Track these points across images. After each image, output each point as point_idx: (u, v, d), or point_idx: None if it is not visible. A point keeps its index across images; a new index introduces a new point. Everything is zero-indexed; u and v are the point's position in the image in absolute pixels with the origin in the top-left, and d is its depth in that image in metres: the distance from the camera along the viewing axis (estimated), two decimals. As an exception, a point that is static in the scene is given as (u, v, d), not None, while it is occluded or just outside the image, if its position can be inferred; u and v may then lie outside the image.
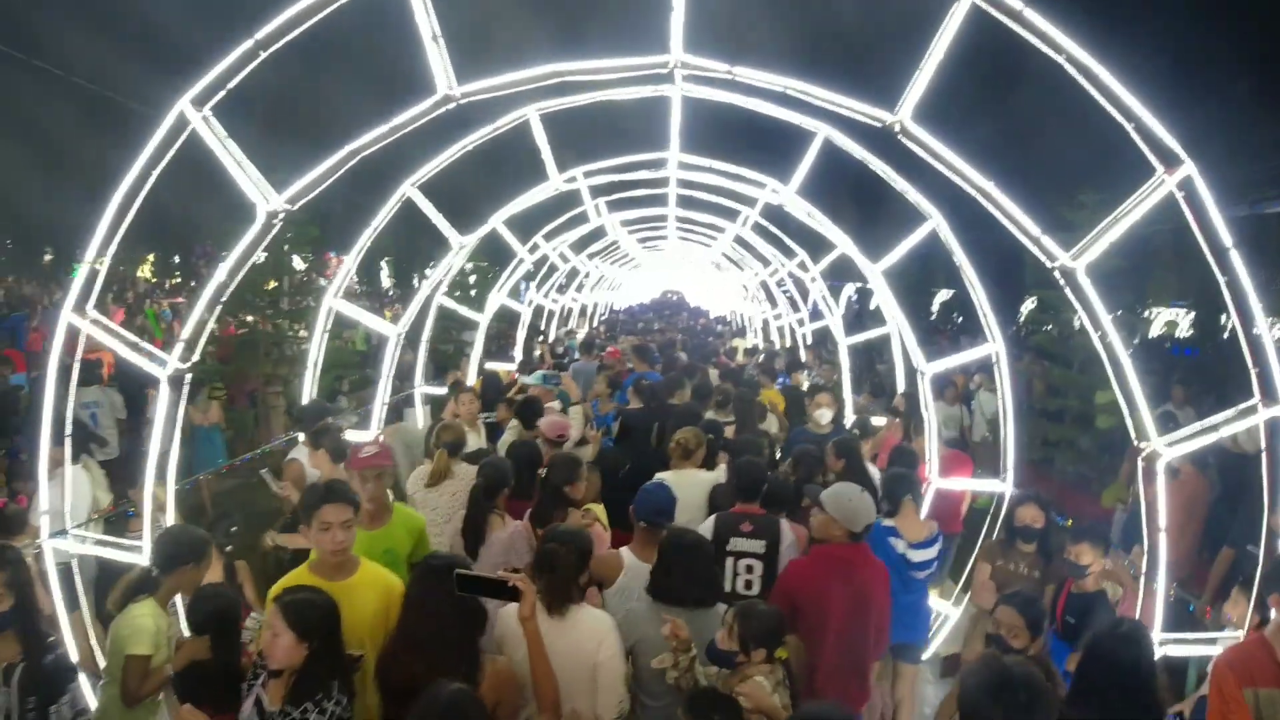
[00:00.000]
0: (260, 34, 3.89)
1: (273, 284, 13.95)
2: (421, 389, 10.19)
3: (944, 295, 41.50)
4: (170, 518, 4.76)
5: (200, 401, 10.45)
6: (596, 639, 3.41)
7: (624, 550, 4.33)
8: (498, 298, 11.85)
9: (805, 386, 10.88)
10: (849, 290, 38.51)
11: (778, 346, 17.23)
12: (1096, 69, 3.77)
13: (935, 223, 6.62)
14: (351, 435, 7.21)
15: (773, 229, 11.74)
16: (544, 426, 6.21)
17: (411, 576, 3.63)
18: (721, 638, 3.44)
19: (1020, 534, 5.41)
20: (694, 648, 3.44)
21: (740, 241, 13.94)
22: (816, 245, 12.72)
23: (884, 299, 6.88)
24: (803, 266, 11.95)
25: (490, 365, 13.07)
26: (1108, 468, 12.74)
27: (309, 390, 7.36)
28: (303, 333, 13.72)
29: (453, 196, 10.30)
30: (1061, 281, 4.09)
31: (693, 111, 6.85)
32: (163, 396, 4.26)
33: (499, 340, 18.24)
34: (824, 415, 7.22)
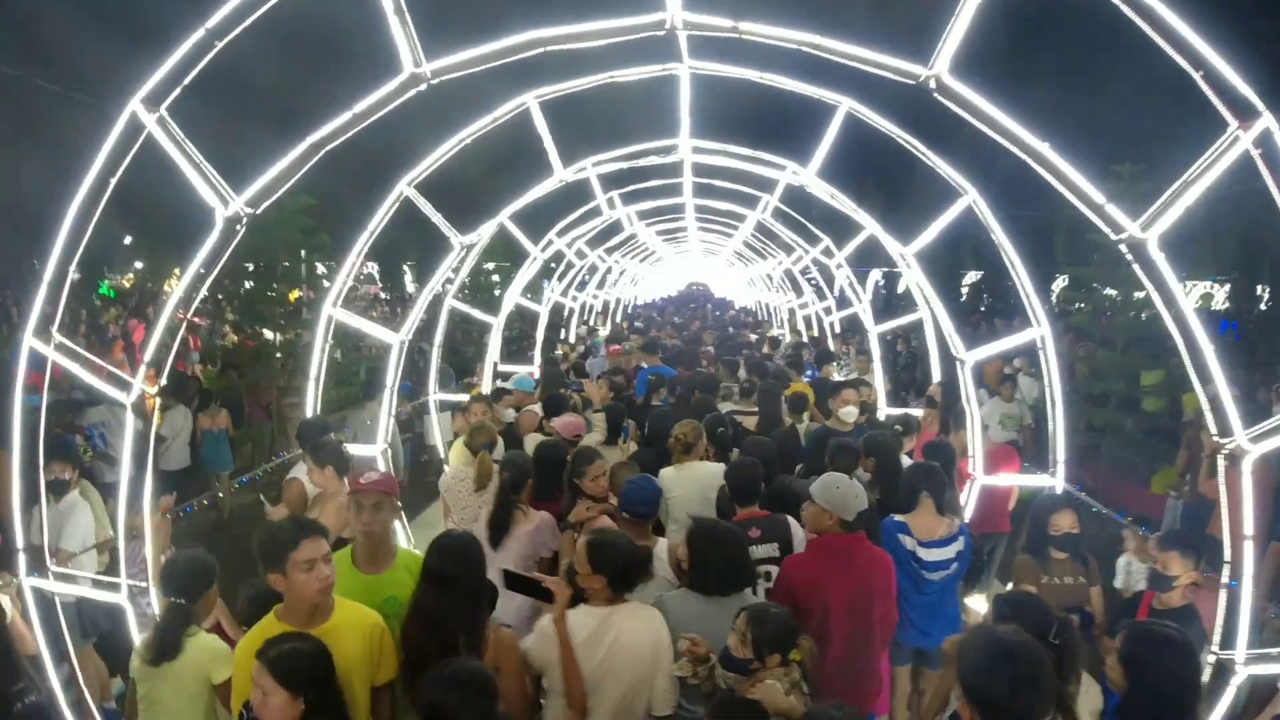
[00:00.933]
0: (212, 22, 3.49)
1: (295, 294, 13.73)
2: (436, 396, 9.83)
3: (972, 276, 40.58)
4: (150, 547, 4.58)
5: (211, 409, 10.86)
6: (655, 632, 3.49)
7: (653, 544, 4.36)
8: (513, 298, 11.44)
9: (835, 378, 10.39)
10: (875, 276, 37.72)
11: (805, 337, 16.71)
12: (1157, 6, 3.26)
13: (970, 199, 6.11)
14: (356, 450, 6.85)
15: (795, 215, 11.24)
16: (559, 426, 6.18)
17: (427, 554, 3.63)
18: (734, 645, 3.36)
19: (1054, 542, 4.93)
20: (712, 656, 3.40)
21: (761, 229, 13.45)
22: (841, 230, 12.24)
23: (917, 283, 6.38)
24: (827, 253, 11.42)
25: (506, 368, 12.74)
26: (1155, 452, 12.14)
27: (312, 405, 7.01)
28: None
29: (461, 195, 9.94)
30: (1129, 256, 3.57)
31: (704, 91, 6.38)
32: (128, 426, 3.88)
33: (521, 341, 17.91)
34: (849, 413, 6.73)
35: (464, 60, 3.59)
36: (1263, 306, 31.52)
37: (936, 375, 9.27)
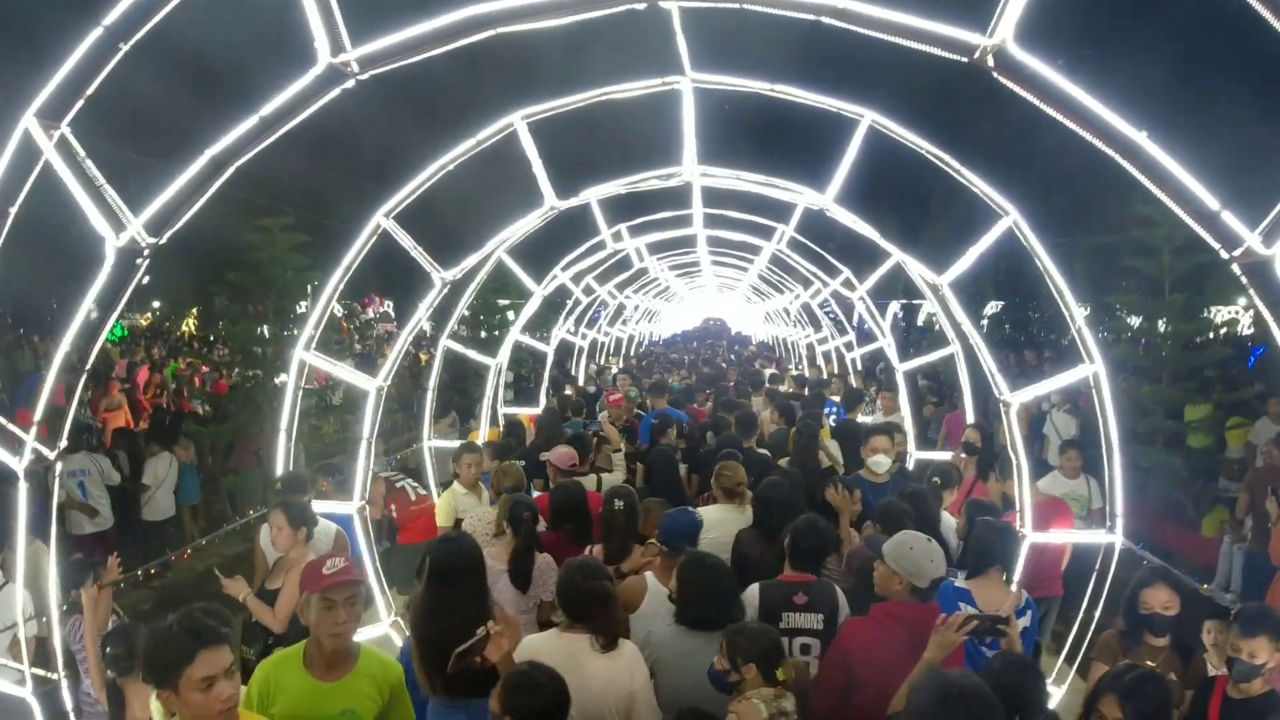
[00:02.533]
0: (110, 18, 2.90)
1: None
2: (431, 443, 9.19)
3: (992, 307, 39.25)
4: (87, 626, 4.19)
5: (182, 442, 10.91)
6: (630, 669, 3.54)
7: (647, 575, 4.33)
8: (513, 337, 10.82)
9: (861, 419, 9.67)
10: (894, 308, 36.86)
11: (824, 373, 15.97)
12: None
13: (1011, 220, 5.43)
14: (328, 506, 6.20)
15: (812, 245, 10.57)
16: (552, 457, 6.23)
17: (432, 553, 3.91)
18: (717, 660, 3.38)
19: (1148, 624, 4.14)
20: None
21: (777, 261, 12.81)
22: (860, 260, 11.58)
23: (953, 315, 5.69)
24: (847, 285, 10.74)
25: (511, 411, 12.09)
26: (1203, 491, 11.31)
27: (283, 458, 6.39)
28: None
29: (456, 228, 9.36)
30: (1242, 276, 2.86)
31: (709, 108, 5.77)
32: (21, 496, 3.23)
33: (529, 381, 17.28)
34: (880, 463, 6.03)
35: (395, 45, 2.95)
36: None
37: (970, 416, 8.53)
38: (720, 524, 5.20)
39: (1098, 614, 6.43)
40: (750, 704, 3.11)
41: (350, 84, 2.97)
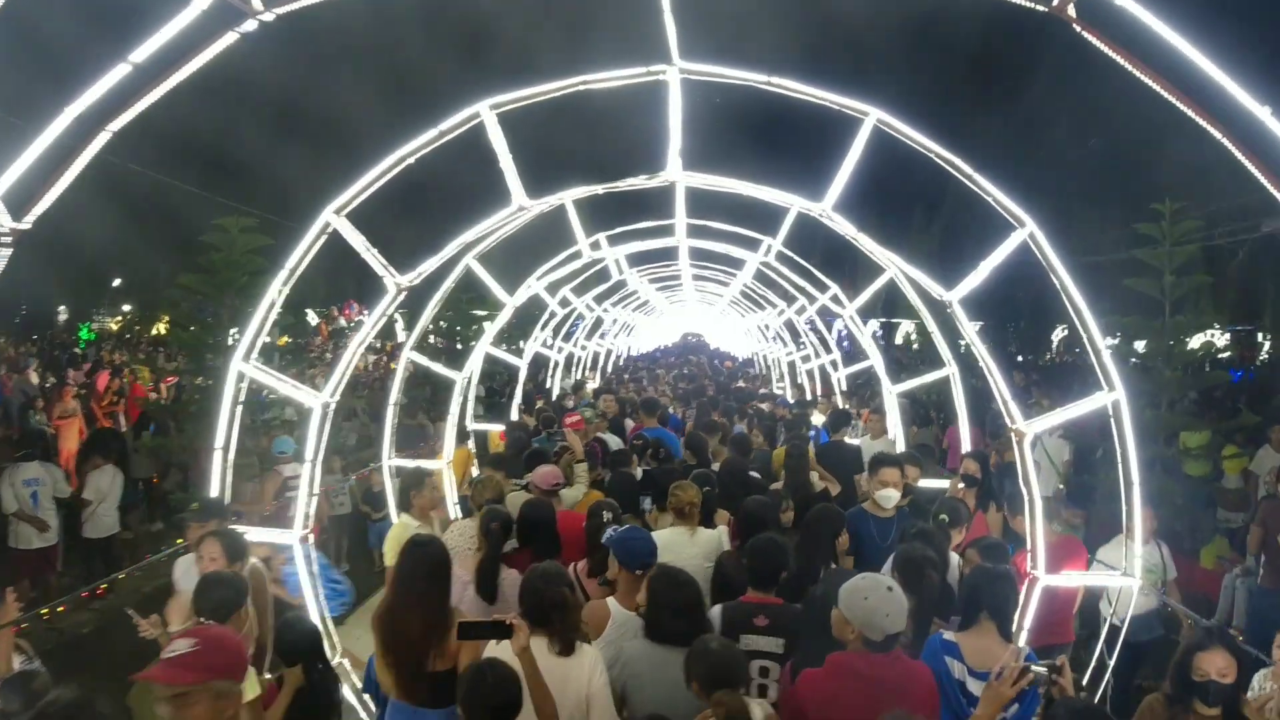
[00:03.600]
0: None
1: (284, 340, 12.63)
2: (391, 462, 8.55)
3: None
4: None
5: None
6: (587, 672, 3.62)
7: (609, 600, 4.30)
8: (482, 350, 10.21)
9: (849, 441, 9.15)
10: (872, 326, 36.44)
11: (808, 394, 15.49)
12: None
13: (1027, 232, 4.93)
14: (267, 535, 5.58)
15: (798, 260, 10.08)
16: (535, 478, 6.10)
17: (400, 556, 4.08)
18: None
19: (1201, 692, 3.62)
20: None
21: (761, 277, 12.31)
22: (847, 276, 11.15)
23: (963, 335, 5.17)
24: (835, 301, 10.24)
25: (479, 428, 11.49)
26: (1198, 520, 10.89)
27: (218, 478, 5.76)
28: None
29: (420, 230, 8.78)
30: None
31: (698, 104, 5.24)
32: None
33: (502, 396, 16.64)
34: (889, 497, 5.53)
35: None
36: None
37: (966, 443, 8.04)
38: (668, 547, 4.88)
39: (1112, 662, 5.95)
40: None
41: (251, 26, 2.40)
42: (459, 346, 16.43)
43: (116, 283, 42.59)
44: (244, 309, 11.72)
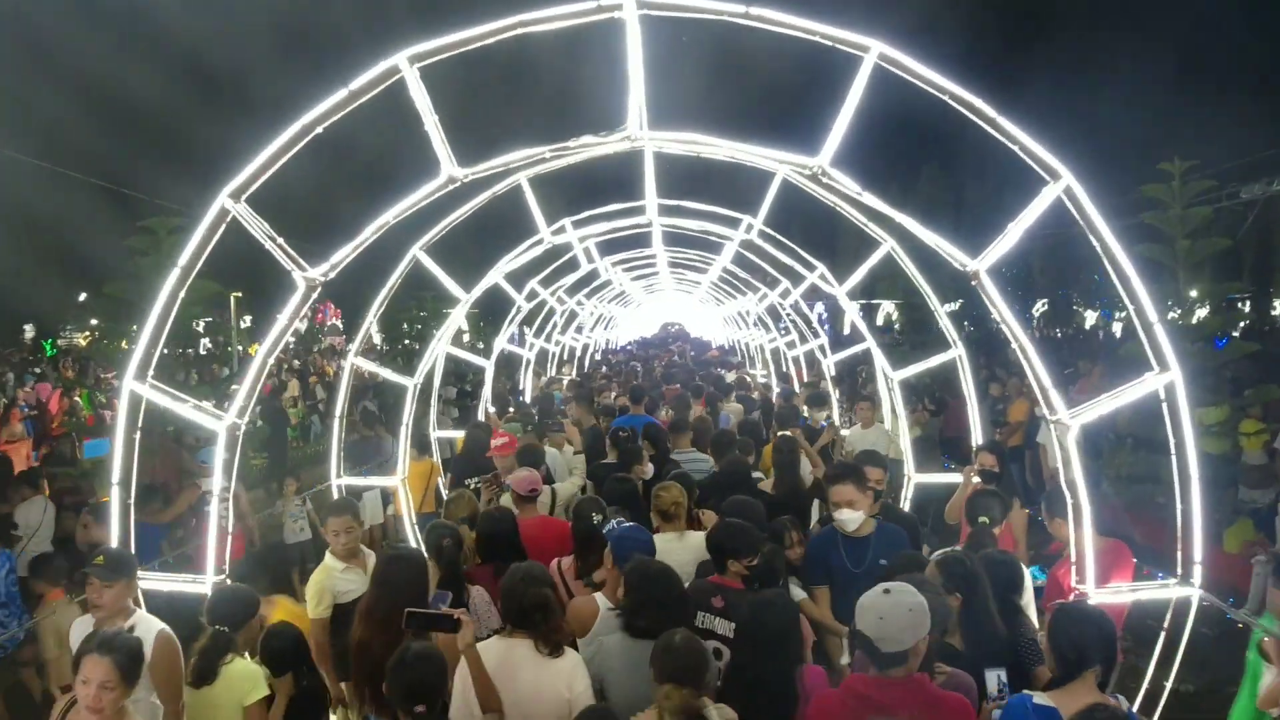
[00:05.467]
0: None
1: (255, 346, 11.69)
2: (341, 481, 7.65)
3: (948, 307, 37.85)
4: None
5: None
6: (568, 677, 3.57)
7: (598, 595, 4.21)
8: (440, 351, 9.31)
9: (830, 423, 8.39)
10: (853, 308, 35.44)
11: (794, 382, 14.71)
12: None
13: (1063, 186, 4.12)
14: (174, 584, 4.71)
15: (782, 239, 9.22)
16: (513, 481, 5.75)
17: (377, 563, 4.40)
18: None
19: None
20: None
21: (741, 260, 11.46)
22: (835, 254, 10.35)
23: (994, 310, 4.33)
24: (824, 281, 9.41)
25: (445, 435, 10.61)
26: (1218, 501, 10.17)
27: (118, 520, 4.85)
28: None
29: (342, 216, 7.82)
30: None
31: (664, 45, 4.38)
32: None
33: (474, 399, 15.72)
34: (850, 519, 4.58)
35: None
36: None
37: (977, 435, 7.24)
38: (662, 554, 4.48)
39: (1169, 684, 5.17)
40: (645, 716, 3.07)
41: None
42: (416, 347, 15.46)
43: (82, 297, 41.22)
44: (184, 314, 10.80)
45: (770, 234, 8.57)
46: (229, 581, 4.80)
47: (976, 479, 6.15)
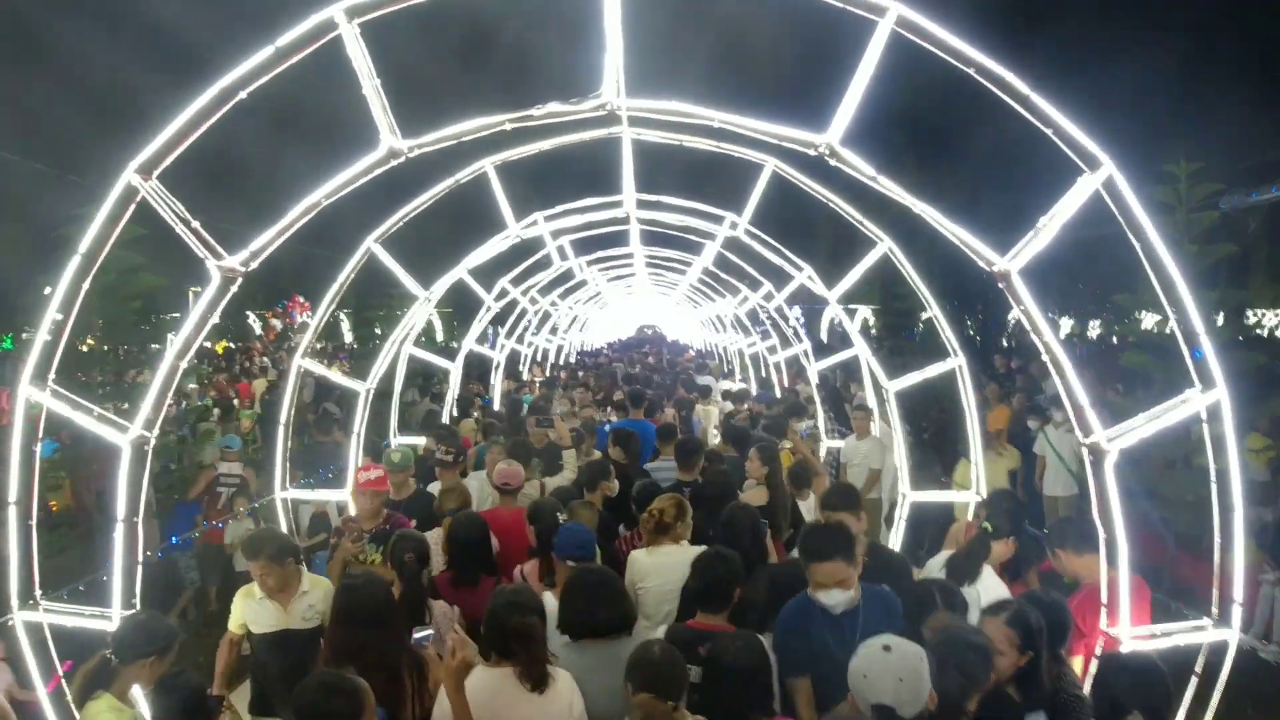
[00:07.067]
0: None
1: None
2: (286, 494, 6.98)
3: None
4: None
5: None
6: (567, 701, 3.36)
7: (546, 595, 4.06)
8: (395, 353, 8.66)
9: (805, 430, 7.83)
10: (830, 314, 34.69)
11: (777, 390, 14.19)
12: None
13: (1103, 176, 3.58)
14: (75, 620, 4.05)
15: (766, 238, 8.68)
16: (495, 474, 5.83)
17: (337, 595, 4.03)
18: None
19: None
20: None
21: (721, 262, 10.91)
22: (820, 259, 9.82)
23: (1026, 316, 3.76)
24: (812, 282, 8.87)
25: (408, 441, 9.93)
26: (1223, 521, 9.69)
27: (18, 545, 4.19)
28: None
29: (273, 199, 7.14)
30: None
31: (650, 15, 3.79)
32: None
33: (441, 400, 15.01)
34: (839, 601, 3.60)
35: None
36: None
37: (976, 451, 6.72)
38: (659, 569, 4.52)
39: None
40: None
41: None
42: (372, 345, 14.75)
43: (47, 291, 39.65)
44: (123, 316, 10.09)
45: (755, 233, 8.01)
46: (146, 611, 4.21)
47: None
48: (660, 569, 4.56)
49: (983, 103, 3.78)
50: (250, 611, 4.47)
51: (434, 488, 6.48)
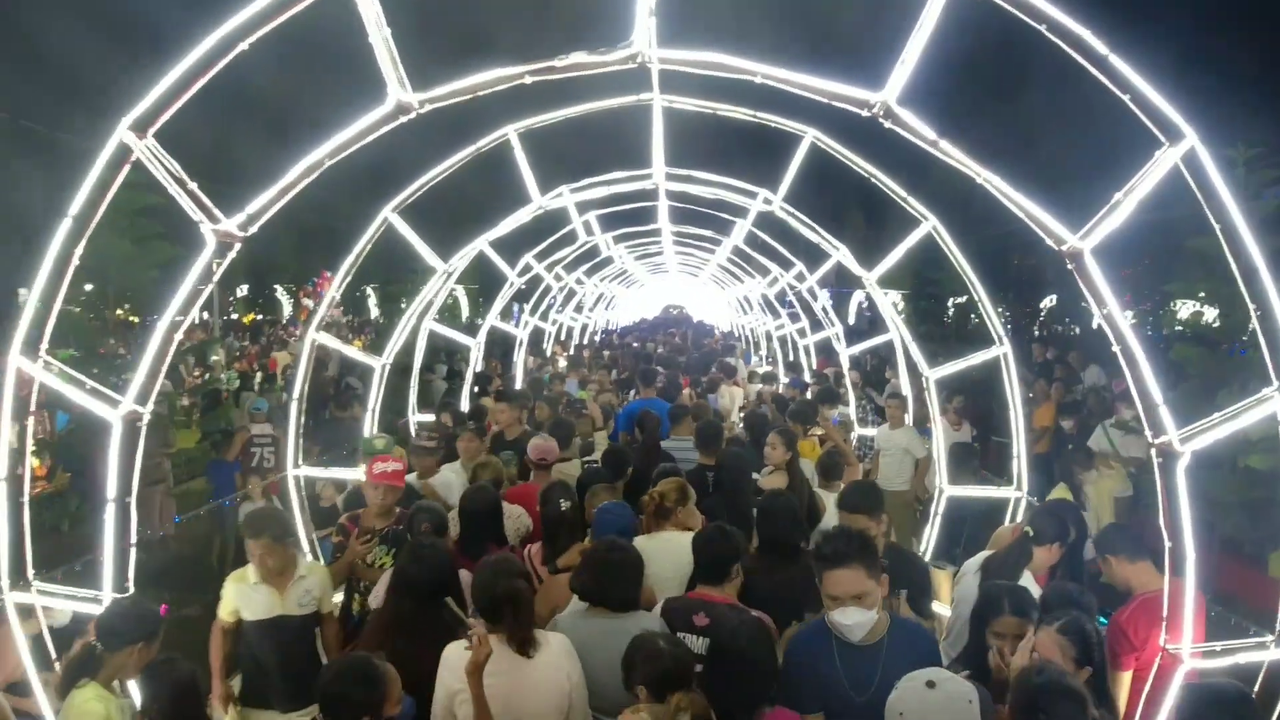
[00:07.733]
0: None
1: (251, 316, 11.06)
2: (299, 472, 6.78)
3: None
4: None
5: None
6: (563, 668, 3.35)
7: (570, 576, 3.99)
8: (417, 328, 8.43)
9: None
10: (859, 297, 33.97)
11: (805, 374, 13.84)
12: None
13: (1184, 148, 3.22)
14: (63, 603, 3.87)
15: (802, 216, 8.32)
16: (530, 449, 5.89)
17: (401, 562, 3.96)
18: None
19: None
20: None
21: (751, 240, 10.58)
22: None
23: (1096, 301, 3.39)
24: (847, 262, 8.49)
25: (423, 419, 9.76)
26: (1258, 519, 9.30)
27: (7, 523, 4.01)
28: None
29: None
30: None
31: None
32: None
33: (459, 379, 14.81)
34: (858, 624, 3.07)
35: None
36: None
37: (1020, 445, 6.36)
38: (664, 553, 4.36)
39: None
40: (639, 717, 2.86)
41: None
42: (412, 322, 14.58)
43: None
44: (137, 280, 9.93)
45: (790, 210, 7.66)
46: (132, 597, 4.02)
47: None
48: (660, 554, 4.37)
49: (1039, 65, 3.41)
50: (243, 597, 4.27)
51: (411, 478, 6.20)
